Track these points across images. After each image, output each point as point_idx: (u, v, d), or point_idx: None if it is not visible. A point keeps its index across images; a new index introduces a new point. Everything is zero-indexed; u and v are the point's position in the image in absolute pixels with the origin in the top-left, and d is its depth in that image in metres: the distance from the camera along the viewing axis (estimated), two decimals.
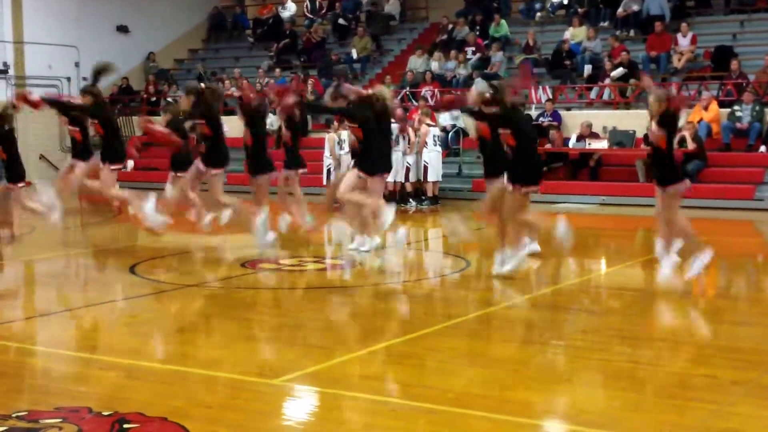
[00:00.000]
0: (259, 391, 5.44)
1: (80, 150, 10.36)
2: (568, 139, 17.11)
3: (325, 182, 15.92)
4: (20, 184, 10.07)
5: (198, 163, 9.95)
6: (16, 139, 10.41)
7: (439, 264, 10.75)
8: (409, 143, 15.67)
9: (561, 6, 21.64)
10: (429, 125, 15.76)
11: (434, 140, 15.76)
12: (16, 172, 10.06)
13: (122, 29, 24.01)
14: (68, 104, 10.20)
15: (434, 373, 5.84)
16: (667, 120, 7.67)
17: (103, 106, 10.35)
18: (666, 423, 4.84)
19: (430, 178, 15.74)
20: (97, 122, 9.89)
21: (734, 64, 16.84)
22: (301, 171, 11.18)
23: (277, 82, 21.73)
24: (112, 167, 9.95)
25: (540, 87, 18.29)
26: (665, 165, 7.92)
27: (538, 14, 21.70)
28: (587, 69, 18.64)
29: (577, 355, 6.29)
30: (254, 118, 10.31)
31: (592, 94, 18.32)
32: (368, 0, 23.83)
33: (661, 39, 18.41)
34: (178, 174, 10.67)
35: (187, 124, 10.20)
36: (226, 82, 22.04)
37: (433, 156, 15.66)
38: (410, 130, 15.76)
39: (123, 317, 7.74)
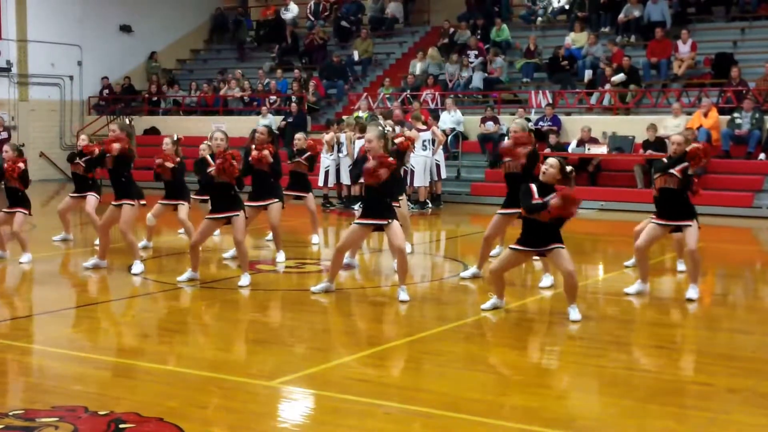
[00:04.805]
0: (255, 392, 5.45)
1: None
2: (568, 144, 17.13)
3: (321, 183, 15.90)
4: None
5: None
6: None
7: (437, 268, 10.77)
8: None
9: (562, 11, 21.67)
10: (419, 130, 15.51)
11: (423, 145, 15.55)
12: None
13: (125, 29, 24.04)
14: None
15: (430, 377, 5.85)
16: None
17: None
18: (662, 430, 4.85)
19: (416, 183, 15.62)
20: None
21: (734, 72, 16.85)
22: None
23: (278, 84, 21.78)
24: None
25: (540, 91, 18.32)
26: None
27: (540, 19, 21.73)
28: (587, 74, 18.67)
29: (574, 361, 6.29)
30: None
31: (592, 100, 18.34)
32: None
33: (661, 45, 18.44)
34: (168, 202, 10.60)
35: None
36: (232, 82, 22.07)
37: (419, 161, 15.42)
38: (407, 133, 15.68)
39: (120, 317, 7.76)
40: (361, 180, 8.06)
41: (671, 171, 7.85)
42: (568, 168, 7.22)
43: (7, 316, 7.55)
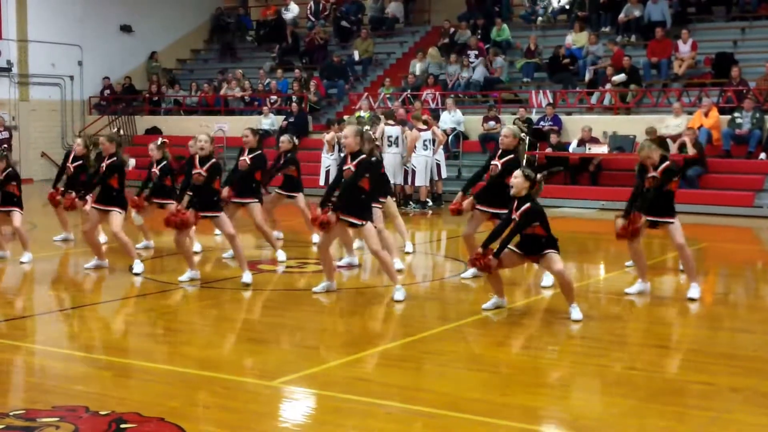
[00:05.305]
0: (256, 392, 5.45)
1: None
2: (569, 143, 17.12)
3: (322, 182, 15.90)
4: None
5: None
6: None
7: (437, 267, 10.76)
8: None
9: (562, 11, 21.68)
10: (420, 129, 15.58)
11: (424, 145, 15.60)
12: None
13: (126, 29, 24.04)
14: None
15: (431, 377, 5.85)
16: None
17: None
18: (663, 430, 4.85)
19: (417, 182, 15.68)
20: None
21: (735, 71, 16.85)
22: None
23: (279, 84, 21.79)
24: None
25: (541, 91, 18.31)
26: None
27: (540, 19, 21.73)
28: (589, 72, 18.66)
29: (575, 361, 6.29)
30: None
31: (593, 99, 18.33)
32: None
33: (662, 45, 18.43)
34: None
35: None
36: (233, 82, 22.08)
37: (420, 161, 15.53)
38: (407, 132, 15.72)
39: (121, 317, 7.76)
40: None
41: (654, 174, 8.04)
42: (535, 175, 7.18)
43: (8, 316, 7.55)
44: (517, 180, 7.13)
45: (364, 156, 7.87)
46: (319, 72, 21.93)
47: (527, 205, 7.07)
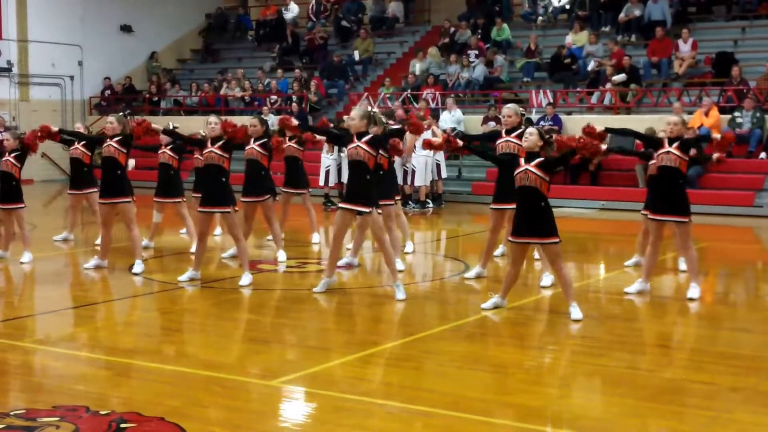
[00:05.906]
0: (257, 392, 5.45)
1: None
2: None
3: (322, 182, 15.90)
4: None
5: None
6: None
7: (437, 267, 10.76)
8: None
9: (563, 10, 21.68)
10: None
11: None
12: None
13: (126, 29, 24.06)
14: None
15: (432, 377, 5.85)
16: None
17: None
18: (664, 429, 4.85)
19: (417, 182, 15.72)
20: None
21: (735, 71, 16.84)
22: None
23: (279, 84, 21.78)
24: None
25: (541, 91, 18.32)
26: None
27: (540, 18, 21.74)
28: (591, 67, 18.65)
29: (576, 360, 6.29)
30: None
31: (593, 99, 18.33)
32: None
33: (662, 44, 18.43)
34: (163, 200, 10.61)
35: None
36: (232, 82, 22.08)
37: (419, 161, 15.57)
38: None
39: (122, 317, 7.76)
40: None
41: (669, 149, 7.86)
42: (549, 135, 7.33)
43: (8, 316, 7.55)
44: (532, 137, 7.14)
45: (372, 135, 7.86)
46: (319, 72, 21.94)
47: (541, 158, 7.08)
